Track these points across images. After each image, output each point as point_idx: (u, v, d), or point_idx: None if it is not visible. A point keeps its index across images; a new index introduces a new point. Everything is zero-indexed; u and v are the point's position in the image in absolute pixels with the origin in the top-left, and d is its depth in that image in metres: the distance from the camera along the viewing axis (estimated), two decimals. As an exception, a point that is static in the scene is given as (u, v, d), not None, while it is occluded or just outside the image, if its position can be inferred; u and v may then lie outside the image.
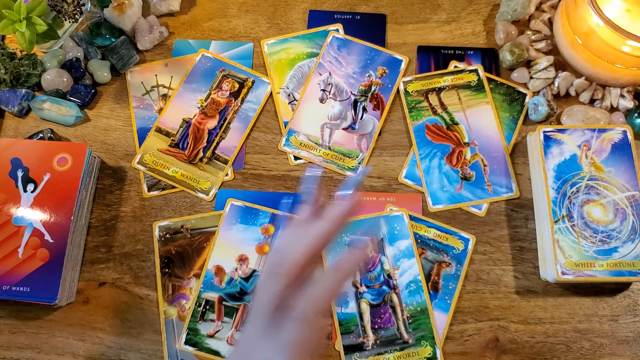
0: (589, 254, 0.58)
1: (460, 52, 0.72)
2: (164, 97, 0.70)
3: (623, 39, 0.61)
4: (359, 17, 0.74)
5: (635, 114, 0.66)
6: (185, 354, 0.59)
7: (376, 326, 0.59)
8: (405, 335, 0.59)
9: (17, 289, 0.57)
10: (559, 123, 0.68)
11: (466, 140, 0.67)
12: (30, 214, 0.60)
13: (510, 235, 0.63)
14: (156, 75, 0.72)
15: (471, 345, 0.59)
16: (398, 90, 0.70)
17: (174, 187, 0.66)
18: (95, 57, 0.72)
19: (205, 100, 0.70)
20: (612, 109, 0.68)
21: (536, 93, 0.69)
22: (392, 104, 0.69)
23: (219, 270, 0.62)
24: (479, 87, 0.69)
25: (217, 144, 0.68)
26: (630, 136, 0.62)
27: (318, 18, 0.74)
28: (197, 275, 0.62)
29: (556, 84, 0.68)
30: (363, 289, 0.61)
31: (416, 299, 0.60)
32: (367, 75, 0.70)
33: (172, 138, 0.68)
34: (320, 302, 0.36)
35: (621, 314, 0.60)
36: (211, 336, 0.60)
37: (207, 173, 0.67)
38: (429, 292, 0.60)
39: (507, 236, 0.63)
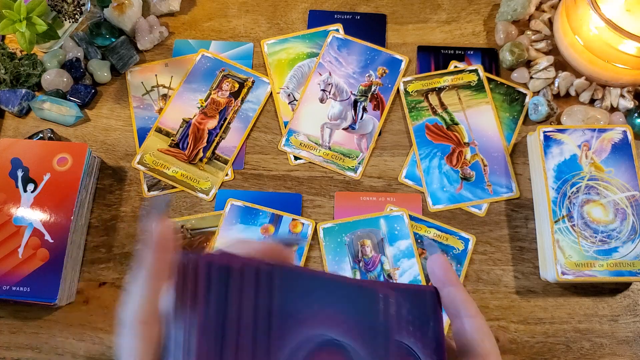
0: (589, 254, 0.58)
1: (460, 52, 0.72)
2: (164, 97, 0.70)
3: (623, 39, 0.61)
4: (359, 17, 0.74)
5: (635, 114, 0.66)
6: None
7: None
8: (405, 335, 0.59)
9: (17, 289, 0.57)
10: (559, 123, 0.68)
11: (466, 140, 0.67)
12: (30, 214, 0.60)
13: (510, 235, 0.64)
14: (156, 75, 0.72)
15: (471, 345, 0.59)
16: (398, 90, 0.70)
17: (174, 187, 0.66)
18: (95, 57, 0.72)
19: (205, 100, 0.70)
20: (612, 109, 0.68)
21: (536, 93, 0.69)
22: (392, 104, 0.69)
23: (219, 270, 0.62)
24: (479, 87, 0.69)
25: (217, 144, 0.68)
26: (630, 136, 0.62)
27: (318, 18, 0.74)
28: (197, 275, 0.62)
29: (556, 84, 0.68)
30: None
31: (416, 299, 0.60)
32: (367, 75, 0.70)
33: (172, 138, 0.68)
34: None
35: (621, 314, 0.60)
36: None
37: (207, 173, 0.67)
38: (429, 292, 0.60)
39: (507, 236, 0.63)
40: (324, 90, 0.70)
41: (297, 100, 0.70)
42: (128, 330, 0.26)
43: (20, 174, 0.61)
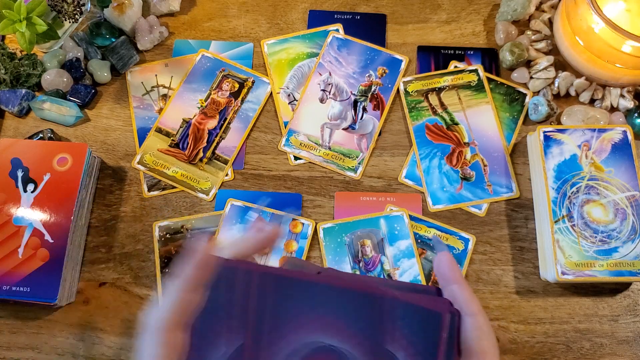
0: (589, 254, 0.58)
1: (460, 52, 0.72)
2: (164, 97, 0.70)
3: (623, 39, 0.61)
4: (359, 17, 0.74)
5: (635, 114, 0.66)
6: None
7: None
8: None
9: (17, 289, 0.57)
10: (559, 123, 0.68)
11: (466, 140, 0.67)
12: (30, 214, 0.60)
13: (510, 235, 0.64)
14: (156, 75, 0.72)
15: (471, 345, 0.59)
16: (398, 90, 0.70)
17: (174, 187, 0.66)
18: (95, 57, 0.72)
19: (205, 100, 0.70)
20: (612, 109, 0.68)
21: (536, 93, 0.69)
22: (392, 104, 0.69)
23: (219, 270, 0.62)
24: (479, 87, 0.69)
25: (217, 144, 0.68)
26: (630, 136, 0.62)
27: (318, 18, 0.74)
28: (197, 275, 0.62)
29: (556, 84, 0.68)
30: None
31: (416, 299, 0.60)
32: (367, 75, 0.70)
33: (172, 138, 0.68)
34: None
35: (621, 314, 0.60)
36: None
37: (207, 173, 0.67)
38: (429, 292, 0.60)
39: (507, 236, 0.63)
40: (324, 90, 0.70)
41: (297, 100, 0.70)
42: (151, 336, 0.26)
43: (20, 174, 0.61)
